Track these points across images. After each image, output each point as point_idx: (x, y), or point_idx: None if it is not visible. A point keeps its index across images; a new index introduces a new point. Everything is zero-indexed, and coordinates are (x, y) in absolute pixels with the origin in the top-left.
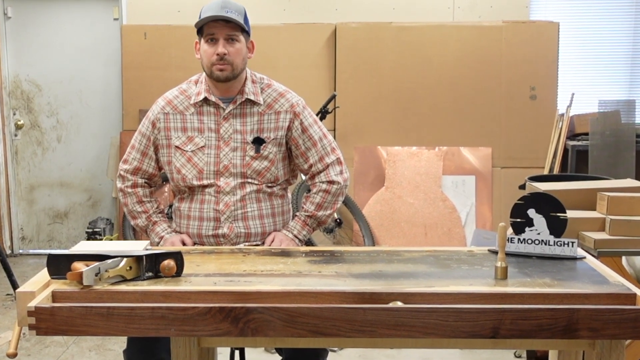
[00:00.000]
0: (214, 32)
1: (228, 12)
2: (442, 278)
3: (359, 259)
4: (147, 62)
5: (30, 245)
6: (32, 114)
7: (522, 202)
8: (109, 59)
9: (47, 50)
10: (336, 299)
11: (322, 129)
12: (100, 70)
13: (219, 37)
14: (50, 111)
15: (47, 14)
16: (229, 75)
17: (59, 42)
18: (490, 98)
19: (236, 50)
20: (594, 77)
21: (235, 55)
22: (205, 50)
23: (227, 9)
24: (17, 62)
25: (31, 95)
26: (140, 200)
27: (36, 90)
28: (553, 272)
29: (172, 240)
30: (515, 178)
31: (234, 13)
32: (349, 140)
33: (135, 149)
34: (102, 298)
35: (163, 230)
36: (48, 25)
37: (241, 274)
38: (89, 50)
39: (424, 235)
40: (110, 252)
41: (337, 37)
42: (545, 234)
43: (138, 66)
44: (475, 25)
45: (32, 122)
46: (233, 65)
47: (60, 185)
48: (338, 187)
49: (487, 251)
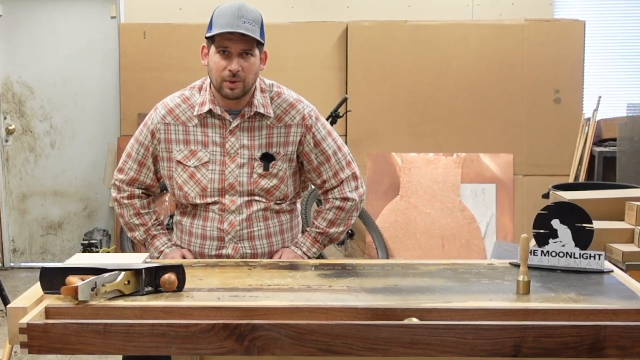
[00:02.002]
0: (227, 45)
1: (245, 23)
2: (460, 293)
3: (372, 273)
4: (147, 63)
5: (22, 258)
6: (24, 118)
7: (546, 212)
8: (106, 60)
9: (40, 50)
10: (348, 315)
11: (336, 141)
12: (96, 71)
13: (233, 52)
14: (44, 115)
15: (40, 12)
16: (239, 94)
17: (53, 41)
18: (512, 101)
19: (250, 65)
20: (622, 79)
21: (248, 72)
22: (216, 62)
23: (244, 18)
24: (8, 63)
25: (23, 98)
26: (138, 212)
27: (28, 93)
28: (578, 287)
29: (172, 256)
30: (539, 186)
31: (250, 24)
32: (361, 146)
33: (132, 159)
34: (99, 314)
35: (163, 245)
36: (41, 24)
37: (246, 289)
38: (85, 50)
39: (441, 247)
40: (107, 266)
41: (348, 36)
42: (570, 246)
43: (137, 67)
44: (495, 24)
45: (24, 127)
46: (245, 82)
47: (54, 194)
48: (352, 204)
49: (509, 264)
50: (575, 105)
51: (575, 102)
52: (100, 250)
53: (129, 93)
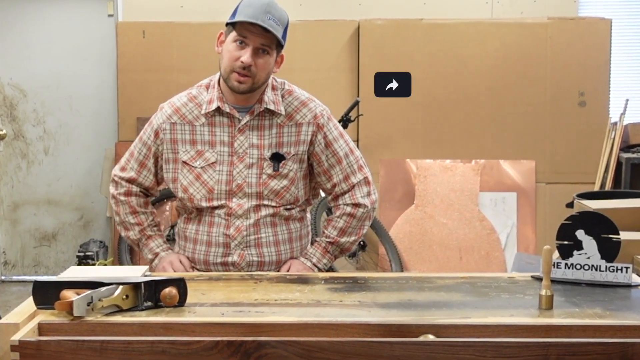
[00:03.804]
0: (247, 36)
1: (270, 19)
2: (479, 308)
3: (386, 287)
4: (146, 64)
5: (14, 271)
6: (16, 122)
7: (570, 222)
8: (103, 61)
9: (32, 50)
10: (360, 331)
11: (348, 144)
12: (92, 73)
13: (249, 44)
14: (37, 119)
15: (33, 10)
16: (246, 89)
17: (46, 41)
18: (534, 104)
19: (264, 63)
20: None
21: (260, 69)
22: (230, 50)
23: (270, 14)
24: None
25: (15, 101)
26: (134, 210)
27: (20, 95)
28: (605, 302)
29: (169, 259)
30: (562, 195)
31: (276, 22)
32: (374, 152)
33: (134, 158)
34: (95, 331)
35: (158, 247)
36: (34, 22)
37: (252, 304)
38: (80, 50)
39: (458, 259)
40: (104, 279)
41: (360, 35)
42: (596, 258)
43: (135, 69)
44: (516, 22)
45: (16, 131)
46: (255, 78)
47: (48, 203)
48: (365, 210)
49: (530, 278)
50: (601, 109)
51: (601, 105)
52: (96, 262)
53: (127, 96)
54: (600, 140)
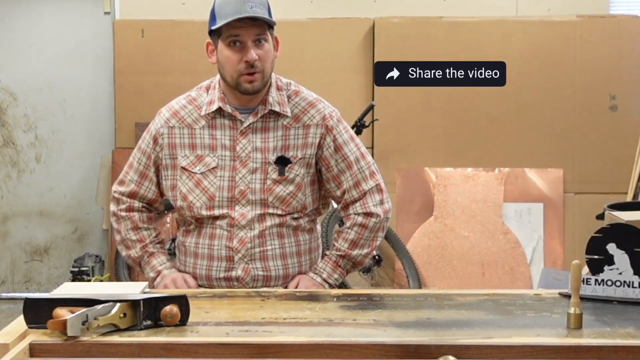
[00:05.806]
0: (239, 33)
1: (253, 7)
2: (503, 327)
3: (402, 304)
4: (145, 65)
5: (3, 288)
6: (6, 128)
7: (600, 235)
8: (99, 62)
9: (23, 51)
10: (375, 352)
11: (359, 148)
12: (88, 75)
13: (245, 40)
14: (28, 125)
15: (24, 8)
16: (259, 86)
17: (38, 41)
18: (562, 109)
19: (265, 52)
20: None
21: (265, 60)
22: (228, 56)
23: (250, 2)
24: None
25: (4, 105)
26: (136, 226)
27: (10, 99)
28: (638, 321)
29: (172, 277)
30: (592, 206)
31: (258, 7)
32: (390, 161)
33: (134, 169)
34: (91, 352)
35: (160, 264)
36: (24, 21)
37: (259, 323)
38: (75, 51)
39: (481, 275)
40: (101, 296)
41: (375, 34)
42: (629, 273)
43: (134, 70)
44: (543, 21)
45: (6, 138)
46: (264, 72)
47: (40, 215)
48: (377, 220)
49: (558, 295)
50: (634, 113)
51: (634, 109)
52: (92, 278)
53: (125, 99)
54: (632, 146)
